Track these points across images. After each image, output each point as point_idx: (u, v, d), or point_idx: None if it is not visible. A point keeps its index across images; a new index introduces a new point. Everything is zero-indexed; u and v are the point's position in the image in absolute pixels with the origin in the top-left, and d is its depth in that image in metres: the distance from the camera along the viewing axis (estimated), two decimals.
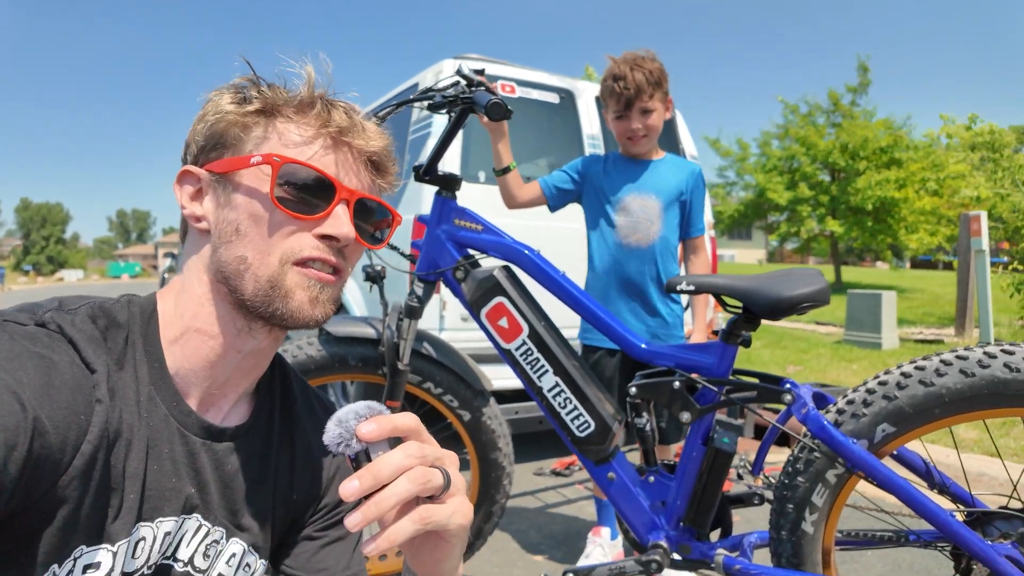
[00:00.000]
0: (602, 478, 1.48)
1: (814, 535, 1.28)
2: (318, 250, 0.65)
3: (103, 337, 0.62)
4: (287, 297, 0.64)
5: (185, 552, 0.68)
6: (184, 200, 0.69)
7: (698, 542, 1.40)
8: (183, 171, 0.69)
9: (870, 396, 1.21)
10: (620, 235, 1.93)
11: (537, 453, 3.41)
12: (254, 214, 0.65)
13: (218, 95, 0.68)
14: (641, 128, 1.90)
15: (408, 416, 0.55)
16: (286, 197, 0.64)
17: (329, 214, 0.66)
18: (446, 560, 0.61)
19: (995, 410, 1.12)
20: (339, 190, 0.66)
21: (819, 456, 1.24)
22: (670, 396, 1.37)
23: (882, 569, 2.08)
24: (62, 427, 0.53)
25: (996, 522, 1.18)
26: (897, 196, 14.67)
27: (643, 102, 1.87)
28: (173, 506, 0.65)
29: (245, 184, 0.66)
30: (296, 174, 0.65)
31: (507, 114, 1.33)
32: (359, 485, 0.49)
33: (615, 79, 1.88)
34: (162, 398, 0.65)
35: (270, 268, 0.64)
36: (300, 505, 0.80)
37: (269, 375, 0.79)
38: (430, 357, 1.71)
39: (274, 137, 0.66)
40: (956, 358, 1.15)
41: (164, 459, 0.64)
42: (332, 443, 0.53)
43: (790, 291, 1.24)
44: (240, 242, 0.65)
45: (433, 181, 1.57)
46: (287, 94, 0.68)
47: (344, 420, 0.53)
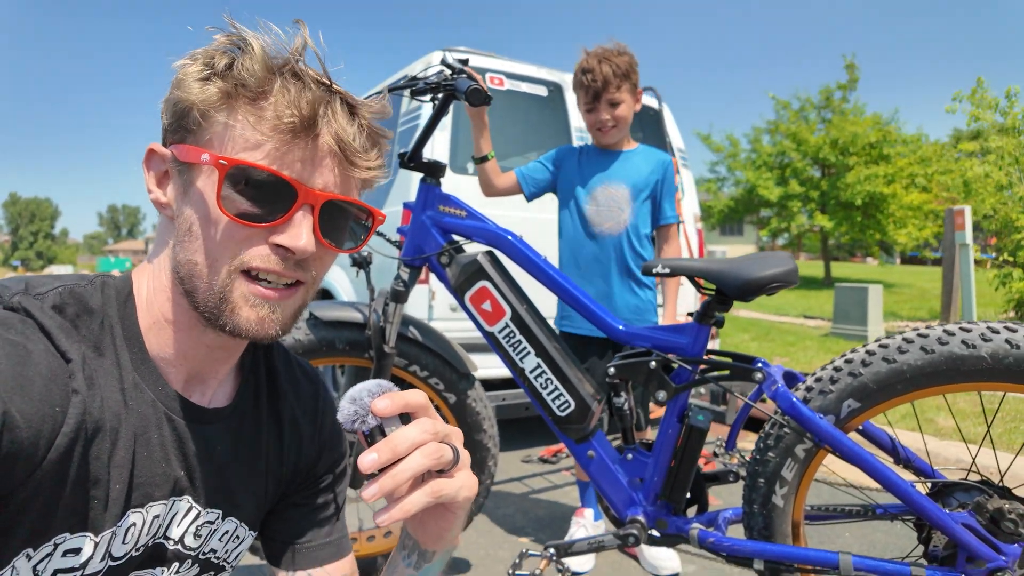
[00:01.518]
0: (582, 456, 1.52)
1: (784, 508, 1.33)
2: (267, 261, 0.59)
3: (73, 325, 0.58)
4: (234, 312, 0.60)
5: (176, 532, 0.68)
6: (151, 183, 0.64)
7: (674, 517, 1.45)
8: (149, 150, 0.64)
9: (836, 373, 1.26)
10: (590, 223, 1.98)
11: (525, 441, 3.46)
12: (205, 216, 0.59)
13: (190, 63, 0.60)
14: (610, 119, 1.95)
15: (418, 393, 0.57)
16: (238, 200, 0.58)
17: (286, 220, 0.59)
18: (450, 529, 0.64)
19: (953, 385, 1.17)
20: (300, 193, 0.59)
21: (788, 432, 1.29)
22: (647, 376, 1.41)
23: (857, 549, 2.14)
24: (35, 421, 0.51)
25: (956, 493, 1.24)
26: (886, 191, 14.81)
27: (610, 94, 1.91)
28: (163, 490, 0.64)
29: (199, 181, 0.60)
30: (249, 175, 0.58)
31: (486, 100, 1.36)
32: (377, 458, 0.52)
33: (583, 72, 1.93)
34: (147, 383, 0.63)
35: (219, 278, 0.59)
36: (289, 477, 0.80)
37: (251, 350, 0.77)
38: (416, 341, 1.75)
39: (235, 126, 0.59)
40: (917, 336, 1.20)
41: (153, 445, 0.63)
42: (347, 421, 0.55)
43: (759, 272, 1.28)
44: (192, 244, 0.60)
45: (418, 168, 1.61)
46: (252, 69, 0.58)
47: (358, 398, 0.55)
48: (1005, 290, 7.51)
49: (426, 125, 1.56)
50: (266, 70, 0.59)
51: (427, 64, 3.25)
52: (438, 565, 0.71)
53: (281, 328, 0.63)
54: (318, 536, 0.81)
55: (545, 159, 2.08)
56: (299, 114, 0.58)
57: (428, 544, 0.67)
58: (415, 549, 0.68)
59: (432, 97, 1.51)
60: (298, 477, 0.82)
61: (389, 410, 0.54)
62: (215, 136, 0.59)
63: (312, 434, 0.82)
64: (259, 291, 0.60)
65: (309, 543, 0.81)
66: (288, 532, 0.81)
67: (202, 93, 0.58)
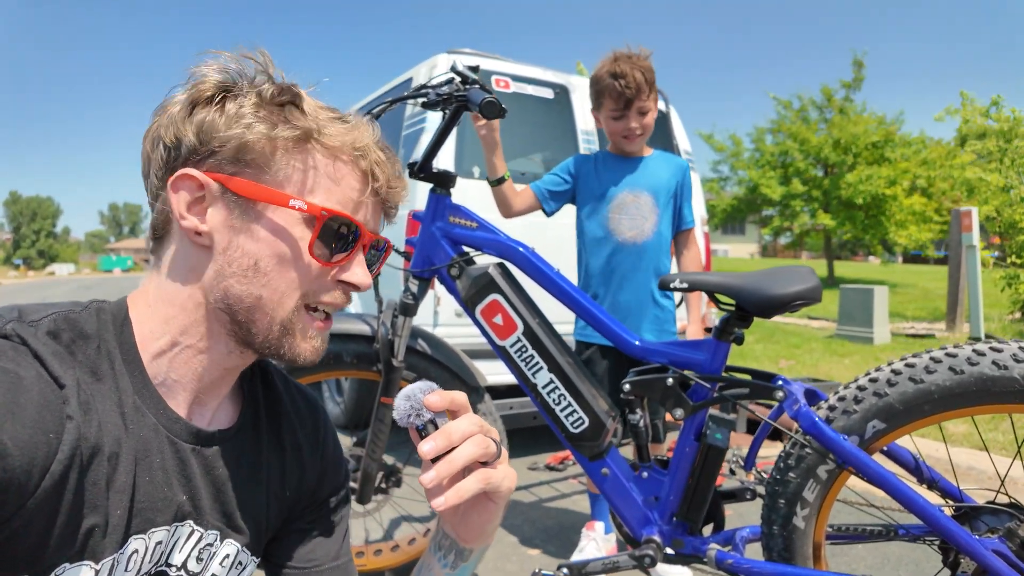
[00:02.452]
0: (596, 474, 1.49)
1: (805, 530, 1.29)
2: (334, 297, 0.67)
3: (69, 351, 0.58)
4: (294, 345, 0.65)
5: (178, 558, 0.67)
6: (181, 208, 0.62)
7: (691, 537, 1.42)
8: (181, 175, 0.61)
9: (861, 393, 1.22)
10: (614, 232, 1.93)
11: (531, 448, 3.43)
12: (281, 255, 0.62)
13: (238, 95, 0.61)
14: (638, 127, 1.90)
15: (461, 393, 0.63)
16: (319, 244, 0.64)
17: (350, 260, 0.66)
18: (491, 521, 0.68)
19: (983, 407, 1.13)
20: (363, 237, 0.66)
21: (810, 452, 1.26)
22: (663, 393, 1.38)
23: (872, 562, 2.10)
24: (28, 448, 0.50)
25: (984, 516, 1.20)
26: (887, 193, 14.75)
27: (642, 101, 1.86)
28: (165, 516, 0.64)
29: (275, 220, 0.62)
30: (336, 223, 0.64)
31: (501, 112, 1.33)
32: (436, 444, 0.58)
33: (615, 77, 1.85)
34: (148, 407, 0.62)
35: (285, 311, 0.64)
36: (291, 501, 0.80)
37: (250, 372, 0.77)
38: (425, 354, 1.72)
39: (312, 171, 0.63)
40: (946, 355, 1.16)
41: (155, 470, 0.62)
42: (403, 416, 0.62)
43: (782, 289, 1.25)
44: (258, 280, 0.62)
45: (428, 178, 1.57)
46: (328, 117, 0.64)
47: (412, 395, 0.62)
48: (1011, 291, 7.46)
49: (436, 136, 1.52)
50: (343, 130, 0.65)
51: (432, 67, 3.21)
52: (472, 564, 0.72)
53: (319, 353, 0.69)
54: (325, 561, 0.81)
55: (560, 171, 2.03)
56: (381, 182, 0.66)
57: (468, 540, 0.69)
58: (452, 548, 0.69)
59: (443, 108, 1.48)
60: (301, 501, 0.82)
61: (440, 405, 0.61)
62: (288, 180, 0.62)
63: (314, 457, 0.82)
64: (316, 324, 0.67)
65: (316, 568, 0.80)
66: (293, 557, 0.80)
67: (270, 134, 0.61)
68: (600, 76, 1.90)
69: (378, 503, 1.80)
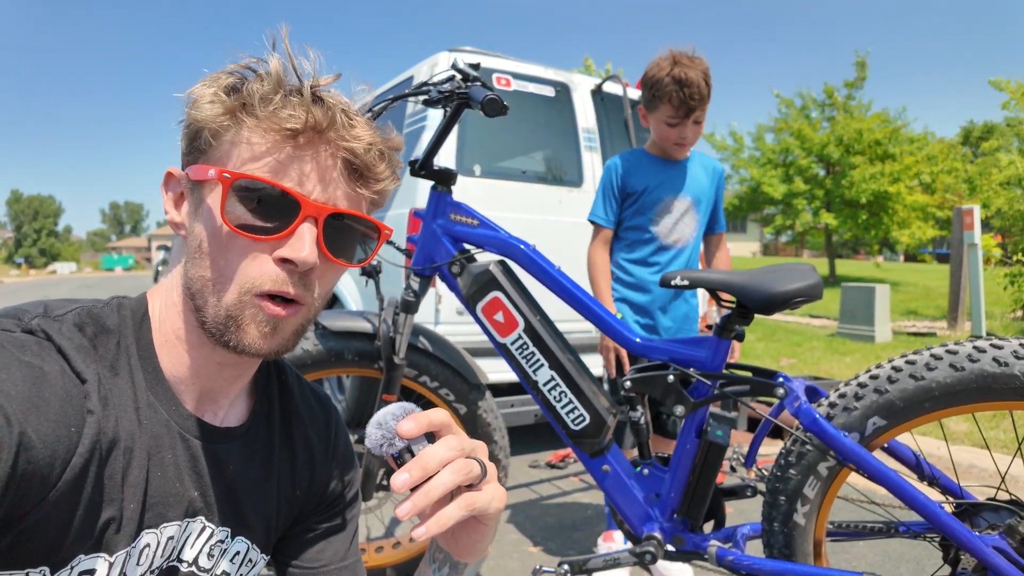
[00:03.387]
0: (597, 470, 1.49)
1: (806, 526, 1.29)
2: (276, 282, 0.60)
3: (92, 345, 0.60)
4: (240, 330, 0.61)
5: (189, 553, 0.68)
6: (168, 205, 0.66)
7: (692, 533, 1.42)
8: (167, 173, 0.66)
9: (861, 390, 1.22)
10: (659, 235, 1.92)
11: (532, 446, 3.43)
12: (212, 231, 0.61)
13: (202, 87, 0.62)
14: (691, 137, 1.85)
15: (440, 412, 0.59)
16: (243, 215, 0.59)
17: (290, 234, 0.60)
18: (482, 540, 0.65)
19: (984, 403, 1.13)
20: (304, 206, 0.59)
21: (811, 449, 1.26)
22: (664, 390, 1.38)
23: (872, 559, 2.11)
24: (51, 441, 0.52)
25: (984, 513, 1.20)
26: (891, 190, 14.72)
27: (701, 111, 1.80)
28: (177, 511, 0.65)
29: (208, 198, 0.61)
30: (253, 188, 0.59)
31: (503, 110, 1.33)
32: (409, 477, 0.54)
33: (680, 84, 1.74)
34: (160, 403, 0.63)
35: (230, 298, 0.60)
36: (302, 500, 0.80)
37: (265, 372, 0.78)
38: (426, 351, 1.72)
39: (241, 142, 0.60)
40: (946, 352, 1.16)
41: (167, 465, 0.63)
42: (375, 445, 0.57)
43: (783, 286, 1.25)
44: (203, 261, 0.61)
45: (429, 176, 1.57)
46: (260, 88, 0.60)
47: (383, 422, 0.57)
48: (1013, 289, 7.45)
49: (437, 133, 1.52)
50: (272, 88, 0.60)
51: (433, 65, 3.21)
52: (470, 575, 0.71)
53: (281, 346, 0.63)
54: (333, 560, 0.82)
55: (607, 191, 1.95)
56: (303, 127, 0.59)
57: (461, 556, 0.67)
58: (447, 561, 0.68)
59: (444, 105, 1.48)
60: (311, 500, 0.82)
61: (414, 431, 0.56)
62: (224, 154, 0.61)
63: (325, 457, 0.82)
64: (270, 308, 0.60)
65: (324, 567, 0.81)
66: (302, 557, 0.81)
67: (211, 112, 0.60)
68: (660, 79, 1.78)
69: (380, 500, 1.81)
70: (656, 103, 1.83)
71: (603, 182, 1.96)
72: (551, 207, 3.26)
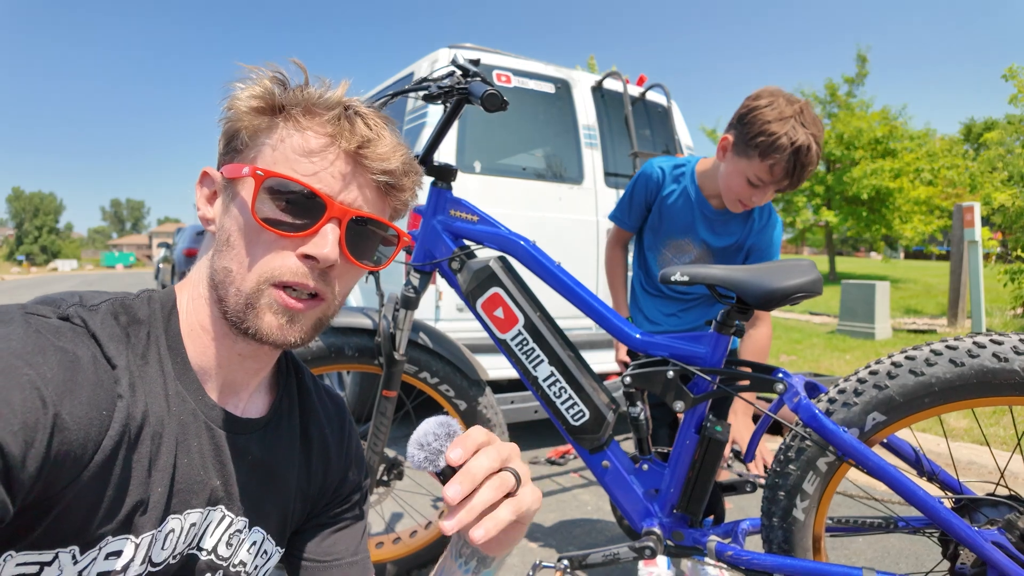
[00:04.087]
0: (597, 466, 1.49)
1: (805, 522, 1.30)
2: (296, 275, 0.63)
3: (126, 334, 0.62)
4: (258, 317, 0.63)
5: (209, 542, 0.70)
6: (200, 202, 0.69)
7: (691, 529, 1.42)
8: (203, 172, 0.69)
9: (861, 385, 1.22)
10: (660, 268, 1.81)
11: (532, 442, 3.43)
12: (242, 227, 0.64)
13: (241, 89, 0.65)
14: (760, 203, 1.59)
15: (480, 431, 0.62)
16: (271, 212, 0.62)
17: (315, 232, 0.63)
18: (517, 537, 0.67)
19: (983, 399, 1.13)
20: (329, 207, 0.63)
21: (810, 444, 1.26)
22: (664, 386, 1.38)
23: (871, 555, 2.11)
24: (83, 423, 0.53)
25: (983, 508, 1.20)
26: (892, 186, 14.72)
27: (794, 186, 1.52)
28: (200, 498, 0.67)
29: (241, 194, 0.64)
30: (284, 188, 0.62)
31: (503, 105, 1.33)
32: (461, 489, 0.57)
33: (796, 152, 1.44)
34: (188, 392, 0.65)
35: (249, 285, 0.63)
36: (316, 495, 0.82)
37: (284, 367, 0.80)
38: (426, 347, 1.72)
39: (278, 145, 0.64)
40: (946, 348, 1.16)
41: (193, 453, 0.65)
42: (417, 464, 0.60)
43: (783, 282, 1.25)
44: (229, 253, 0.64)
45: (429, 172, 1.57)
46: (301, 95, 0.65)
47: (425, 444, 0.60)
48: (1014, 286, 7.45)
49: (438, 129, 1.52)
50: (312, 98, 0.64)
51: (433, 62, 3.21)
52: (494, 571, 0.72)
53: (300, 337, 0.66)
54: (344, 555, 0.84)
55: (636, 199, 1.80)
56: (337, 136, 0.64)
57: (492, 551, 0.69)
58: (475, 555, 0.69)
59: (444, 101, 1.48)
60: (325, 495, 0.84)
61: (463, 459, 0.58)
62: (259, 155, 0.65)
63: (339, 453, 0.85)
64: (284, 300, 0.63)
65: (335, 562, 0.83)
66: (313, 551, 0.83)
67: (250, 115, 0.64)
68: (775, 132, 1.44)
69: (380, 496, 1.81)
70: (751, 154, 1.49)
71: (635, 187, 1.78)
72: (551, 204, 3.26)
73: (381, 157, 0.65)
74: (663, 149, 3.76)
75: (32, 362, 0.51)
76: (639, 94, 3.73)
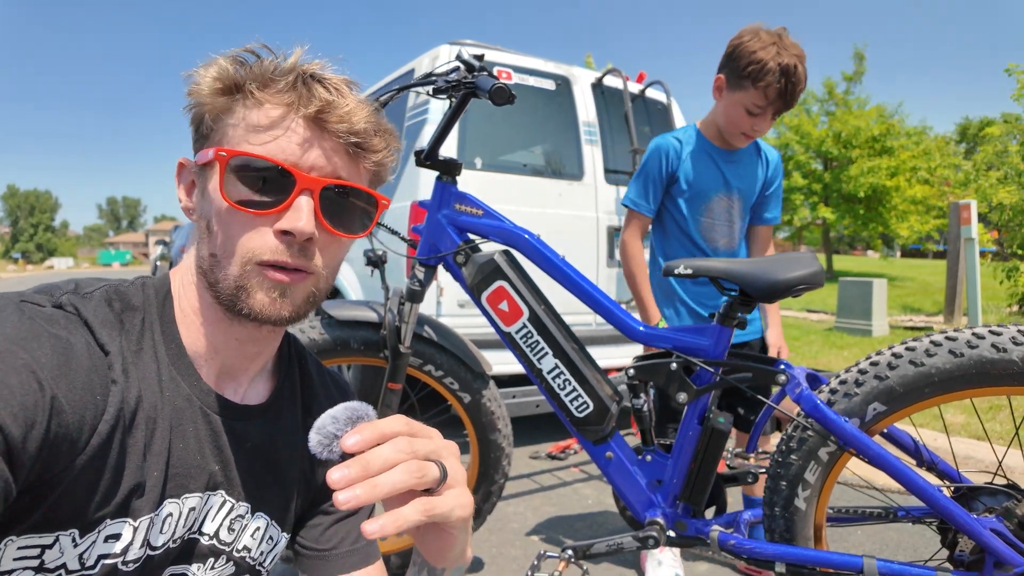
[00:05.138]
0: (600, 457, 1.51)
1: (806, 511, 1.31)
2: (275, 253, 0.62)
3: (119, 320, 0.62)
4: (250, 297, 0.63)
5: (210, 527, 0.70)
6: (181, 193, 0.69)
7: (694, 519, 1.44)
8: (179, 164, 0.69)
9: (862, 376, 1.24)
10: (709, 241, 1.84)
11: (533, 437, 3.45)
12: (218, 211, 0.63)
13: (200, 73, 0.64)
14: (763, 131, 1.69)
15: (394, 420, 0.54)
16: (241, 192, 0.61)
17: (288, 207, 0.62)
18: (451, 548, 0.62)
19: (982, 389, 1.15)
20: (299, 180, 0.61)
21: (812, 434, 1.28)
22: (667, 377, 1.40)
23: (870, 547, 2.13)
24: (79, 407, 0.54)
25: (982, 497, 1.22)
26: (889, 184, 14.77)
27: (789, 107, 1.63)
28: (198, 483, 0.67)
29: (211, 179, 0.64)
30: (250, 165, 0.61)
31: (510, 98, 1.34)
32: (348, 473, 0.49)
33: (786, 74, 1.55)
34: (183, 377, 0.66)
35: (235, 269, 0.62)
36: (319, 482, 0.82)
37: (287, 354, 0.80)
38: (431, 340, 1.74)
39: (238, 122, 0.63)
40: (945, 339, 1.18)
41: (188, 437, 0.66)
42: (314, 451, 0.53)
43: (785, 274, 1.27)
44: (211, 240, 0.64)
45: (434, 166, 1.59)
46: (256, 70, 0.63)
47: (322, 427, 0.53)
48: (1010, 284, 7.49)
49: (443, 123, 1.54)
50: (267, 69, 0.63)
51: (434, 58, 3.22)
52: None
53: (293, 311, 0.65)
54: (345, 543, 0.83)
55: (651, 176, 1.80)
56: (296, 103, 0.62)
57: (435, 561, 0.66)
58: (424, 565, 0.68)
59: (450, 95, 1.49)
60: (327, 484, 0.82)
61: (359, 447, 0.50)
62: (223, 136, 0.64)
63: None
64: (271, 275, 0.63)
65: (337, 550, 0.83)
66: (317, 538, 0.83)
67: (211, 97, 0.63)
68: (764, 62, 1.57)
69: None
70: (745, 84, 1.60)
71: (648, 164, 1.80)
72: (552, 200, 3.27)
73: (343, 118, 0.63)
74: None
75: (27, 347, 0.52)
76: (639, 91, 3.75)
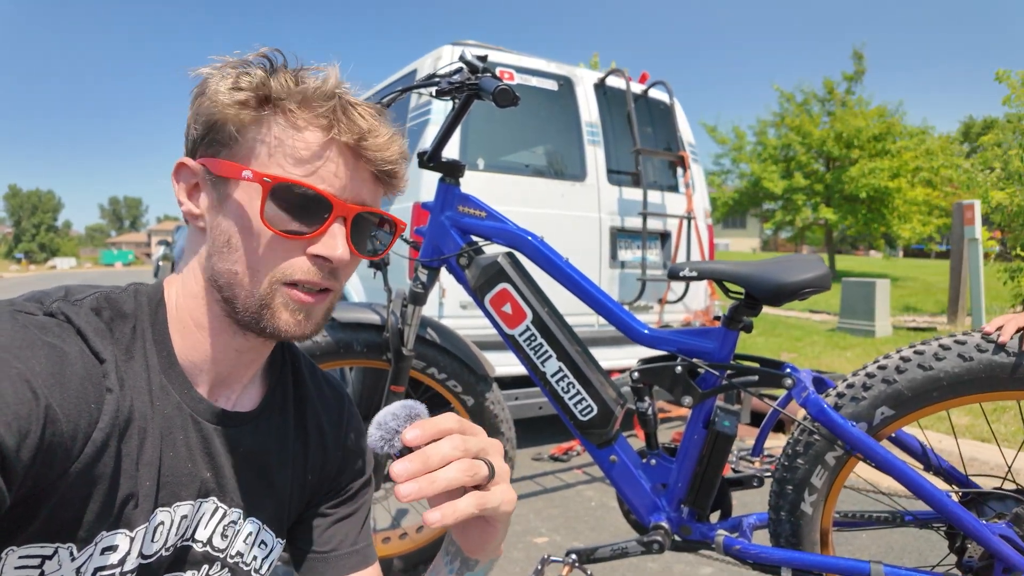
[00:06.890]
0: (604, 461, 1.50)
1: (813, 516, 1.30)
2: (307, 274, 0.63)
3: (108, 328, 0.62)
4: (274, 317, 0.63)
5: (203, 533, 0.69)
6: (181, 196, 0.66)
7: (699, 523, 1.43)
8: (179, 164, 0.66)
9: (870, 380, 1.23)
10: None
11: (536, 439, 3.44)
12: (245, 229, 0.62)
13: (219, 75, 0.62)
14: None
15: (448, 418, 0.58)
16: (278, 215, 0.61)
17: (323, 232, 0.62)
18: (492, 540, 0.65)
19: (992, 393, 1.14)
20: (336, 207, 0.62)
21: (819, 439, 1.27)
22: (672, 380, 1.39)
23: (876, 551, 2.12)
24: (73, 415, 0.54)
25: (991, 502, 1.21)
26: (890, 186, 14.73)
27: None
28: (190, 490, 0.66)
29: (237, 195, 0.62)
30: (290, 191, 0.61)
31: (514, 100, 1.33)
32: (409, 467, 0.53)
33: None
34: (173, 386, 0.65)
35: (260, 287, 0.62)
36: (314, 486, 0.82)
37: (280, 358, 0.79)
38: (434, 343, 1.73)
39: (271, 141, 0.61)
40: (955, 343, 1.17)
41: (179, 446, 0.65)
42: (375, 445, 0.56)
43: (792, 277, 1.26)
44: (232, 255, 0.63)
45: (437, 168, 1.58)
46: (294, 84, 0.61)
47: (384, 423, 0.57)
48: (1013, 284, 7.46)
49: (447, 125, 1.53)
50: (305, 88, 0.61)
51: (437, 59, 3.21)
52: (480, 574, 0.71)
53: (315, 329, 0.67)
54: (343, 545, 0.82)
55: None
56: (335, 129, 0.61)
57: (472, 552, 0.67)
58: (458, 556, 0.68)
59: (453, 97, 1.48)
60: (323, 485, 0.83)
61: (419, 441, 0.55)
62: (249, 151, 0.62)
63: (337, 442, 0.83)
64: (298, 296, 0.63)
65: (334, 552, 0.82)
66: (314, 541, 0.82)
67: (236, 108, 0.60)
68: None
69: (387, 491, 1.82)
70: None
71: None
72: (554, 201, 3.26)
73: (381, 148, 0.64)
74: (665, 146, 3.77)
75: (20, 356, 0.52)
76: (642, 91, 3.74)
